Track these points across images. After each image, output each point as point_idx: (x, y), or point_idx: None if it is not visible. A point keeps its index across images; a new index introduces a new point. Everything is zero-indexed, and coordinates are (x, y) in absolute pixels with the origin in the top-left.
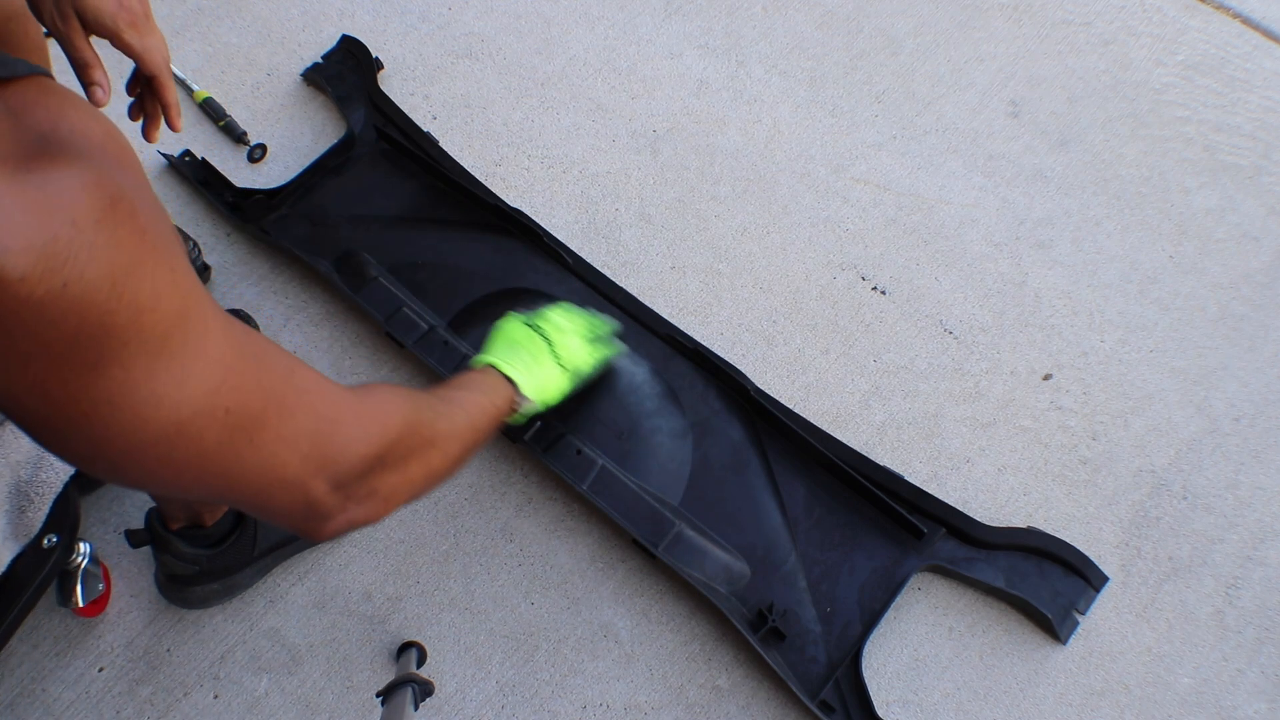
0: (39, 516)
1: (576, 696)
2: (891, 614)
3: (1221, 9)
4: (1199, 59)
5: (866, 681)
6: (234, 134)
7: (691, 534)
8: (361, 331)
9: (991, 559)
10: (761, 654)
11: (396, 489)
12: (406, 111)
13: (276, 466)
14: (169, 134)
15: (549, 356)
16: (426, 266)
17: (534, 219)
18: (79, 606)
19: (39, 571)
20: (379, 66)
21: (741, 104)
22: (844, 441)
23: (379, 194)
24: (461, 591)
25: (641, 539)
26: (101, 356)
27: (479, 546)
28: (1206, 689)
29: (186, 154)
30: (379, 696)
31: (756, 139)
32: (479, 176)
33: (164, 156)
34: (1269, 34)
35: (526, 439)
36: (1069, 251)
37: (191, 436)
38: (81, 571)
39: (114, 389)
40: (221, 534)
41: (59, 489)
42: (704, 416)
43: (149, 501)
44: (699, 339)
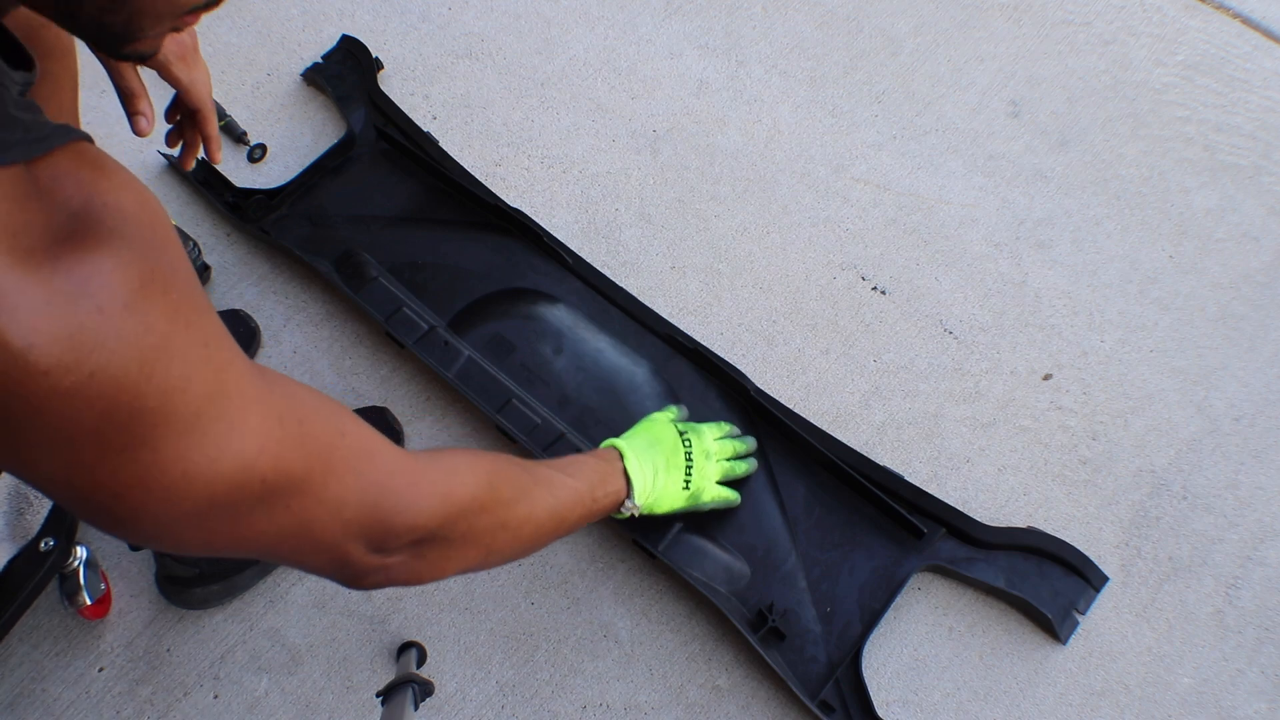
0: (37, 519)
1: (576, 696)
2: (891, 614)
3: (1221, 9)
4: (1199, 59)
5: (866, 681)
6: (234, 134)
7: (691, 534)
8: (361, 331)
9: (991, 559)
10: (761, 654)
11: (446, 562)
12: (406, 111)
13: (314, 530)
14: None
15: (681, 473)
16: (426, 266)
17: (534, 219)
18: (86, 605)
19: (35, 573)
20: (379, 66)
21: (741, 104)
22: (844, 441)
23: (379, 194)
24: (461, 591)
25: (641, 539)
26: (131, 440)
27: None
28: (1206, 689)
29: None
30: (379, 696)
31: (756, 139)
32: (479, 176)
33: (164, 156)
34: (1269, 34)
35: (526, 439)
36: (1069, 251)
37: (225, 508)
38: (83, 574)
39: (144, 471)
40: None
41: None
42: (704, 416)
43: None
44: (699, 339)
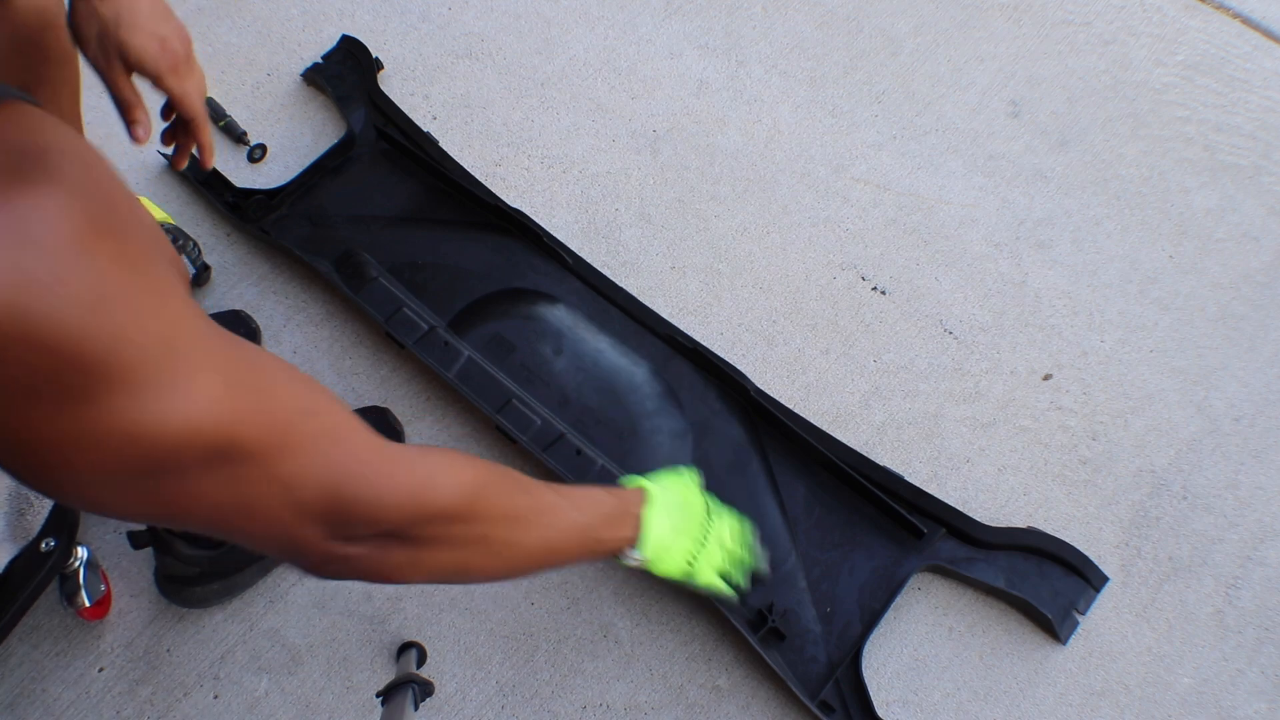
0: (38, 520)
1: (576, 696)
2: (891, 614)
3: (1221, 9)
4: (1199, 59)
5: (866, 681)
6: (234, 134)
7: None
8: (361, 331)
9: (991, 559)
10: (761, 654)
11: (412, 565)
12: (406, 111)
13: (260, 506)
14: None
15: (693, 546)
16: (426, 266)
17: (534, 219)
18: (85, 607)
19: (36, 574)
20: (379, 66)
21: (741, 104)
22: (844, 441)
23: (379, 194)
24: (461, 591)
25: None
26: (69, 390)
27: None
28: (1206, 689)
29: None
30: (379, 696)
31: (756, 139)
32: (479, 176)
33: (164, 156)
34: (1269, 34)
35: (526, 439)
36: (1069, 251)
37: (165, 472)
38: (83, 575)
39: (81, 425)
40: (219, 541)
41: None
42: (704, 416)
43: None
44: (699, 339)
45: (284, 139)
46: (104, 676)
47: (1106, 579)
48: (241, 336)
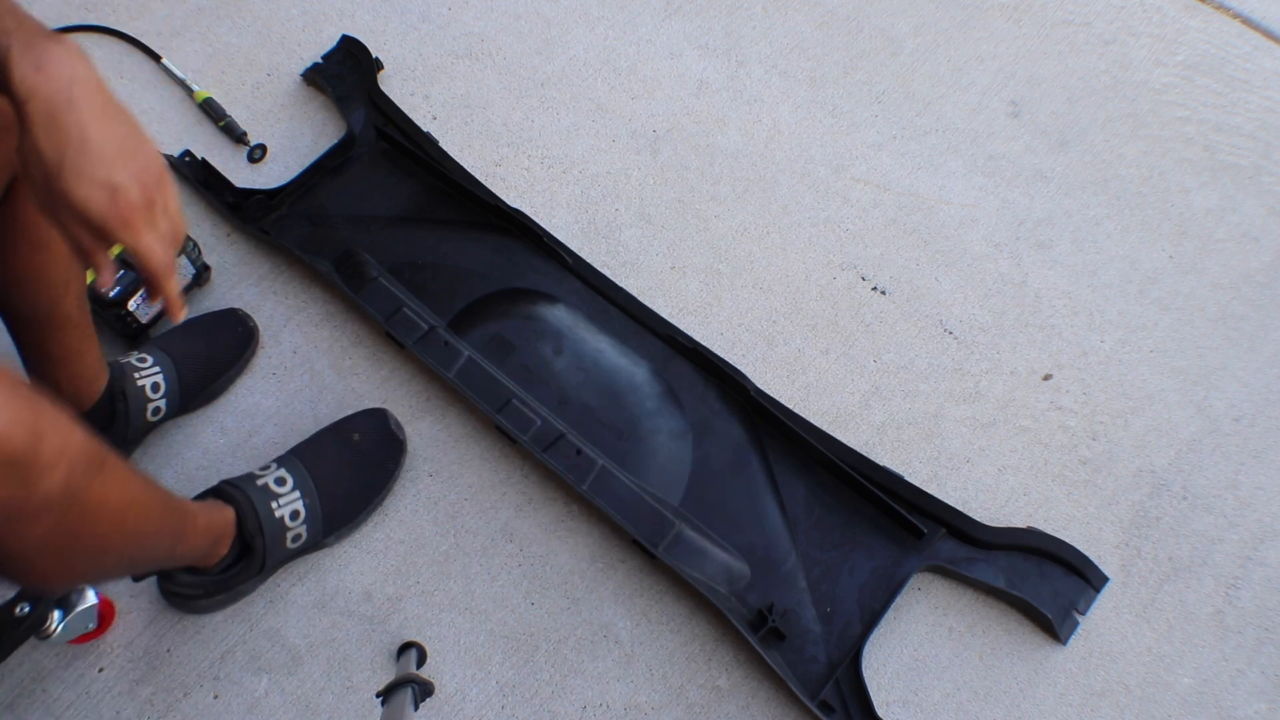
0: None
1: (576, 697)
2: (891, 614)
3: (1221, 9)
4: (1199, 59)
5: (866, 681)
6: (234, 134)
7: (691, 534)
8: (361, 331)
9: (991, 559)
10: (761, 654)
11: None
12: (406, 111)
13: None
14: (168, 134)
15: None
16: (426, 266)
17: (534, 219)
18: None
19: (8, 635)
20: (379, 66)
21: (741, 104)
22: (844, 441)
23: (379, 194)
24: (461, 591)
25: (641, 539)
26: None
27: (479, 546)
28: (1206, 689)
29: (186, 154)
30: (379, 696)
31: (756, 139)
32: (479, 176)
33: (164, 156)
34: (1269, 34)
35: (526, 439)
36: (1069, 251)
37: None
38: (59, 631)
39: None
40: (224, 567)
41: None
42: (704, 416)
43: None
44: (699, 339)
45: (284, 139)
46: (104, 676)
47: (1106, 579)
48: (240, 336)
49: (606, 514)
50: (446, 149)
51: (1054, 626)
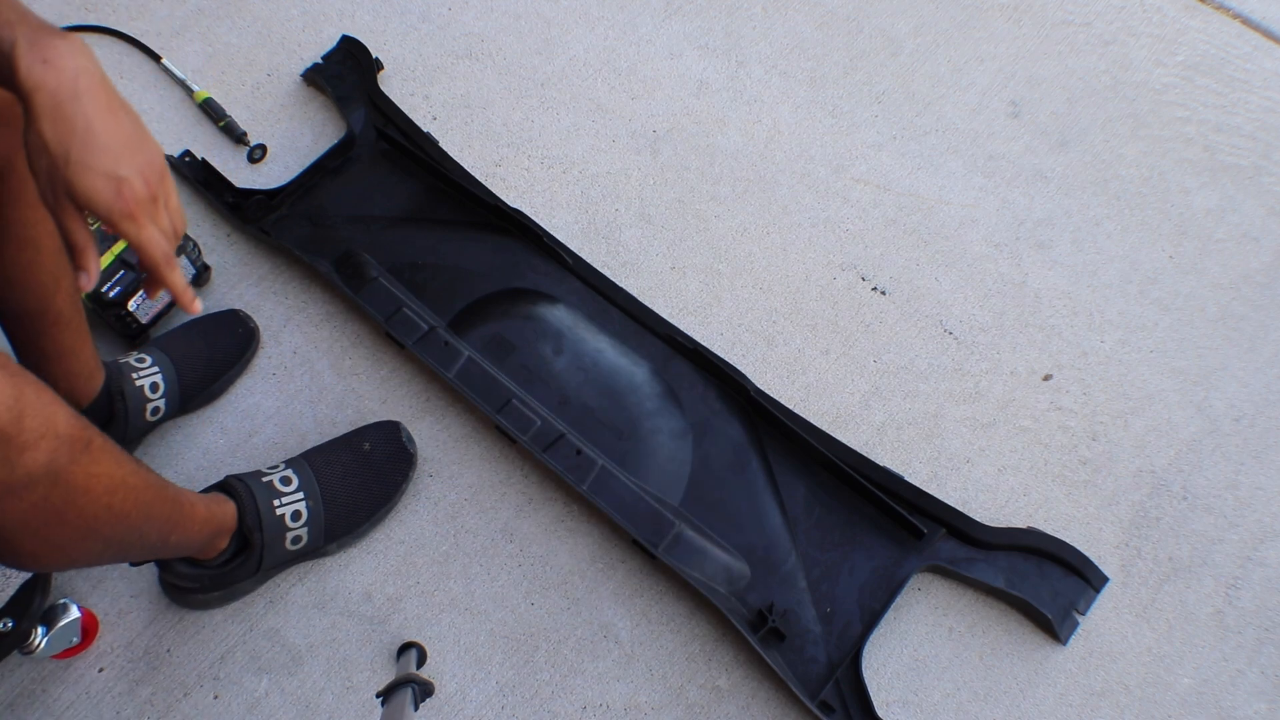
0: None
1: (576, 697)
2: (891, 614)
3: (1221, 9)
4: (1199, 59)
5: (866, 681)
6: (234, 134)
7: (691, 534)
8: (361, 331)
9: (991, 559)
10: (761, 654)
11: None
12: (406, 111)
13: None
14: (168, 134)
15: None
16: (426, 267)
17: (534, 219)
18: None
19: None
20: (379, 67)
21: (741, 104)
22: (844, 441)
23: (379, 194)
24: (461, 592)
25: (641, 539)
26: None
27: (479, 546)
28: (1206, 689)
29: (186, 154)
30: (379, 697)
31: (756, 139)
32: (479, 176)
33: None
34: (1269, 34)
35: (526, 439)
36: (1069, 251)
37: None
38: (42, 646)
39: None
40: (223, 561)
41: (27, 575)
42: (704, 416)
43: None
44: (699, 339)
45: (284, 139)
46: (104, 676)
47: (1106, 579)
48: (240, 336)
49: (606, 514)
50: (446, 149)
51: (1054, 626)
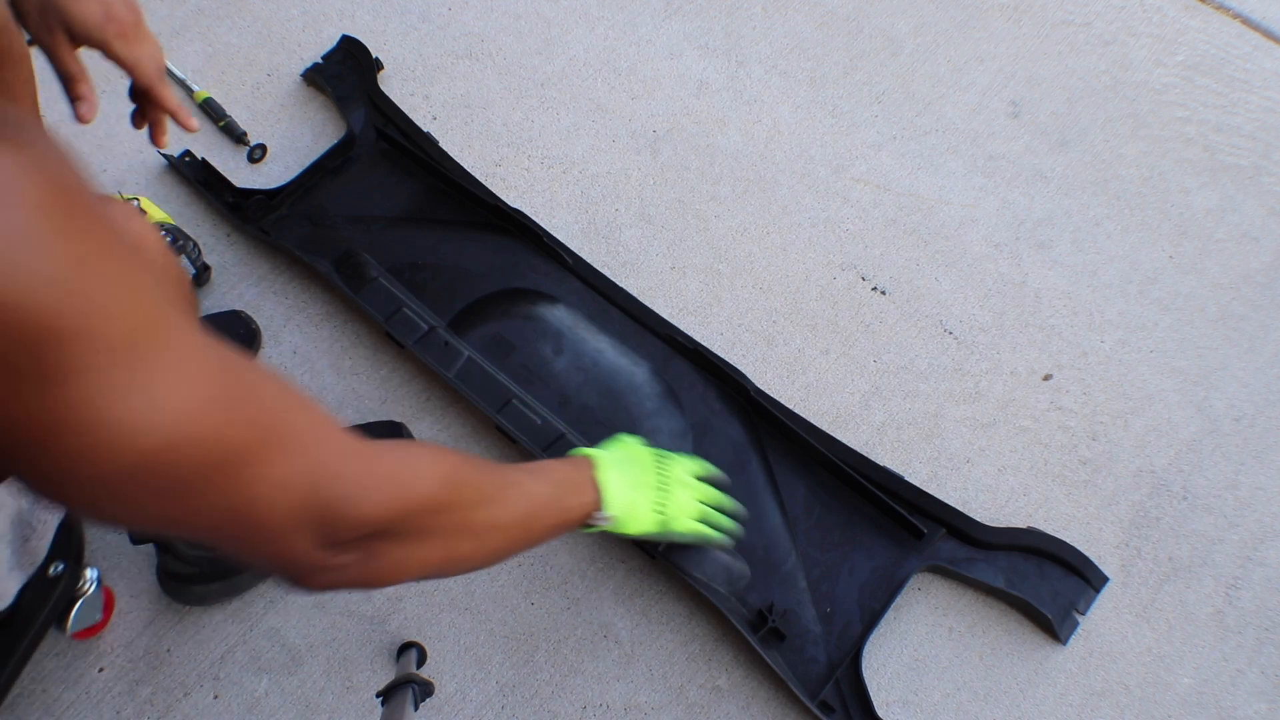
0: (43, 545)
1: (576, 697)
2: (891, 614)
3: (1221, 9)
4: (1199, 59)
5: (866, 681)
6: (234, 134)
7: None
8: (361, 331)
9: (991, 559)
10: (761, 654)
11: (402, 565)
12: (406, 111)
13: (259, 511)
14: (168, 134)
15: (653, 494)
16: (426, 267)
17: (534, 219)
18: (74, 631)
19: (47, 601)
20: (379, 67)
21: (741, 104)
22: (844, 441)
23: (379, 194)
24: (461, 592)
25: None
26: (53, 367)
27: None
28: (1206, 689)
29: (186, 154)
30: (379, 696)
31: (756, 139)
32: (479, 176)
33: (164, 157)
34: (1269, 34)
35: (527, 439)
36: (1069, 251)
37: (159, 471)
38: (82, 600)
39: (72, 407)
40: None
41: (61, 515)
42: (704, 416)
43: None
44: (699, 339)
45: (284, 139)
46: (104, 676)
47: (1106, 579)
48: (241, 336)
49: None
50: (446, 149)
51: (1054, 626)
